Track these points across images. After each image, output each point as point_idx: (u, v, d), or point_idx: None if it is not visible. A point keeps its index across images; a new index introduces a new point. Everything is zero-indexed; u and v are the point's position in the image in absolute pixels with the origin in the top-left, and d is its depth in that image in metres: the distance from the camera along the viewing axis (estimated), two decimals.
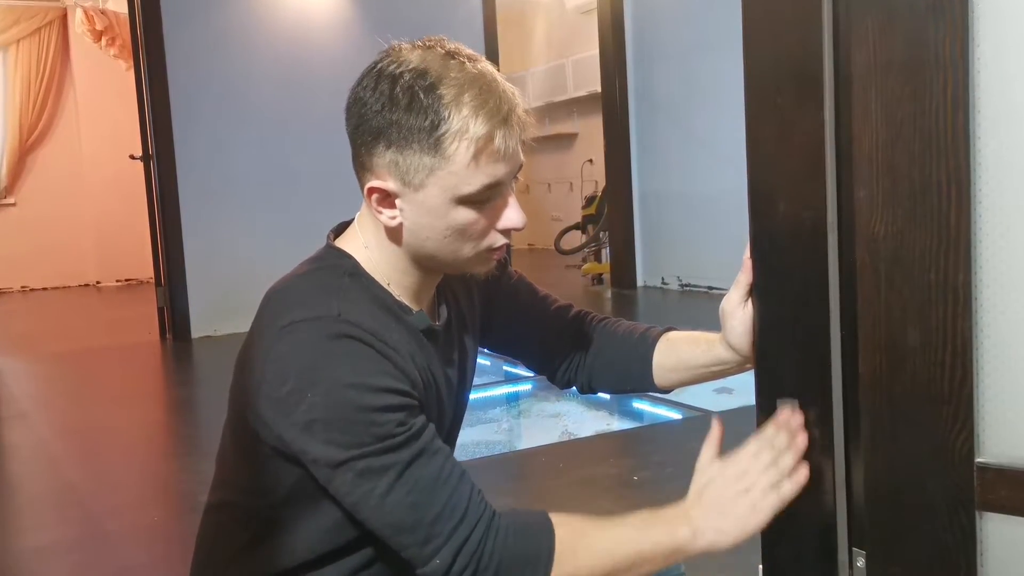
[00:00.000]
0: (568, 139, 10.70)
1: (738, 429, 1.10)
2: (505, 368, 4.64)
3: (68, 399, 4.91)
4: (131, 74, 6.51)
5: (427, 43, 0.99)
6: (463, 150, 0.95)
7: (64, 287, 10.05)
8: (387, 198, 1.00)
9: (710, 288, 6.80)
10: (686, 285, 7.12)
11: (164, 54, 6.01)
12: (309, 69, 6.24)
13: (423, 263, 1.05)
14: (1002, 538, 0.90)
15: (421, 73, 0.95)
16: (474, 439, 3.58)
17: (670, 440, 3.27)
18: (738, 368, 1.16)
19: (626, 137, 7.44)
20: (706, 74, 6.62)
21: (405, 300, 1.06)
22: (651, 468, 2.93)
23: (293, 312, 0.97)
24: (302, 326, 0.95)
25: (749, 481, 0.99)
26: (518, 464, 3.30)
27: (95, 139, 9.76)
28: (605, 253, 7.85)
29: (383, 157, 0.97)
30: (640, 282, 7.51)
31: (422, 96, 0.94)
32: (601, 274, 7.83)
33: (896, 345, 0.91)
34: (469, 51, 0.99)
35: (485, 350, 1.29)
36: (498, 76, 0.98)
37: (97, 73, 9.78)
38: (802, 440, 0.97)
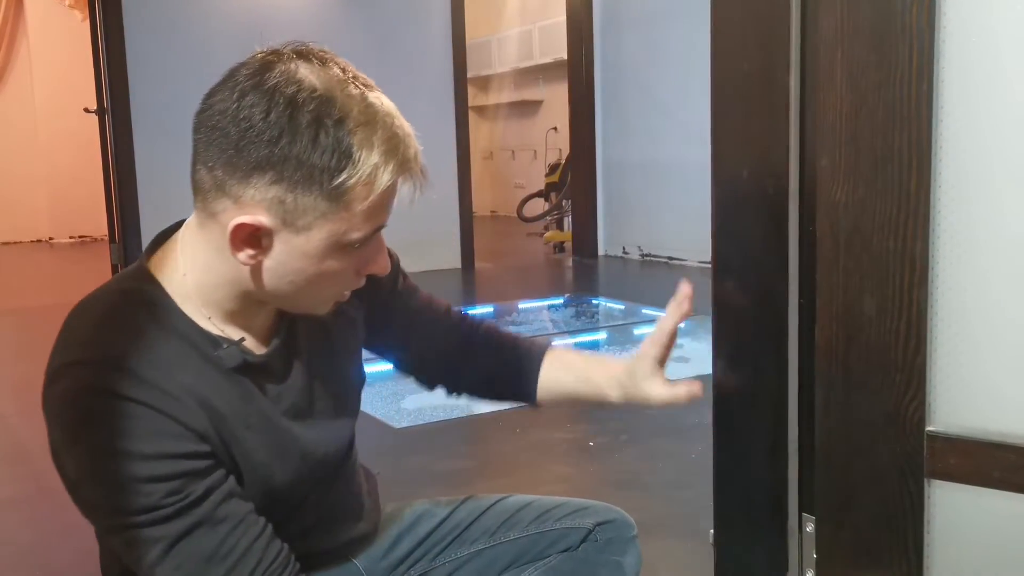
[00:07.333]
0: (533, 106, 10.64)
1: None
2: None
3: (18, 356, 4.82)
4: (86, 25, 6.34)
5: (314, 54, 0.87)
6: (363, 197, 0.85)
7: (15, 243, 9.83)
8: (253, 235, 0.86)
9: (670, 258, 6.83)
10: (647, 255, 7.15)
11: (120, 5, 5.85)
12: (269, 23, 6.11)
13: (261, 298, 0.93)
14: (949, 505, 0.91)
15: (327, 100, 0.83)
16: (432, 403, 3.59)
17: (626, 408, 3.30)
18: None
19: (591, 105, 7.41)
20: (673, 42, 6.61)
21: (230, 328, 0.94)
22: (607, 434, 2.95)
23: (68, 350, 0.89)
24: (67, 373, 0.87)
25: None
26: (475, 428, 3.31)
27: (49, 92, 9.51)
28: (567, 221, 7.85)
29: (264, 191, 0.84)
30: (601, 251, 7.53)
31: (331, 130, 0.83)
32: (563, 242, 7.83)
33: (852, 313, 0.92)
34: (355, 71, 0.88)
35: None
36: (394, 111, 0.88)
37: (51, 24, 9.51)
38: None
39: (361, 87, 0.86)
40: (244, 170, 0.84)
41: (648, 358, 1.06)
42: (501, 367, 1.19)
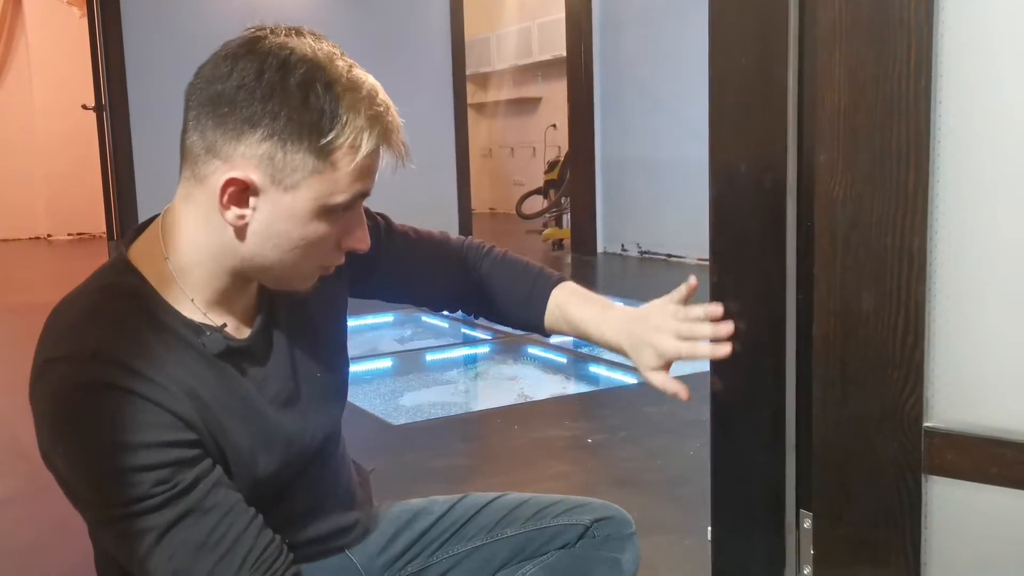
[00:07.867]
0: (532, 103, 10.64)
1: (692, 393, 1.10)
2: (463, 331, 4.64)
3: (16, 353, 4.82)
4: (85, 22, 6.34)
5: (305, 32, 0.91)
6: (349, 158, 0.88)
7: (14, 240, 9.83)
8: (242, 193, 0.88)
9: (669, 256, 6.83)
10: (645, 252, 7.15)
11: (119, 1, 5.85)
12: (268, 19, 6.11)
13: (245, 272, 0.94)
14: (946, 501, 0.91)
15: (318, 66, 0.87)
16: (431, 400, 3.58)
17: (625, 404, 3.30)
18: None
19: (590, 102, 7.41)
20: (672, 39, 6.61)
21: (213, 312, 0.95)
22: (605, 431, 2.95)
23: (54, 346, 0.90)
24: (54, 368, 0.88)
25: None
26: (474, 425, 3.31)
27: (47, 89, 9.50)
28: (566, 219, 7.85)
29: (255, 147, 0.87)
30: (600, 248, 7.53)
31: (320, 92, 0.86)
32: (562, 239, 7.83)
33: (850, 309, 0.91)
34: (343, 52, 0.92)
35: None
36: (378, 86, 0.91)
37: (50, 20, 9.50)
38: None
39: (348, 63, 0.90)
40: (236, 127, 0.87)
41: (662, 359, 1.04)
42: (508, 303, 1.22)
